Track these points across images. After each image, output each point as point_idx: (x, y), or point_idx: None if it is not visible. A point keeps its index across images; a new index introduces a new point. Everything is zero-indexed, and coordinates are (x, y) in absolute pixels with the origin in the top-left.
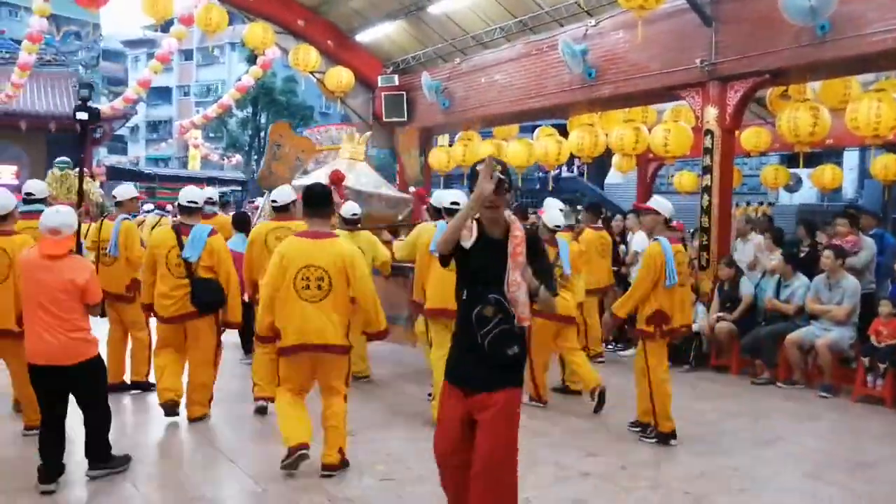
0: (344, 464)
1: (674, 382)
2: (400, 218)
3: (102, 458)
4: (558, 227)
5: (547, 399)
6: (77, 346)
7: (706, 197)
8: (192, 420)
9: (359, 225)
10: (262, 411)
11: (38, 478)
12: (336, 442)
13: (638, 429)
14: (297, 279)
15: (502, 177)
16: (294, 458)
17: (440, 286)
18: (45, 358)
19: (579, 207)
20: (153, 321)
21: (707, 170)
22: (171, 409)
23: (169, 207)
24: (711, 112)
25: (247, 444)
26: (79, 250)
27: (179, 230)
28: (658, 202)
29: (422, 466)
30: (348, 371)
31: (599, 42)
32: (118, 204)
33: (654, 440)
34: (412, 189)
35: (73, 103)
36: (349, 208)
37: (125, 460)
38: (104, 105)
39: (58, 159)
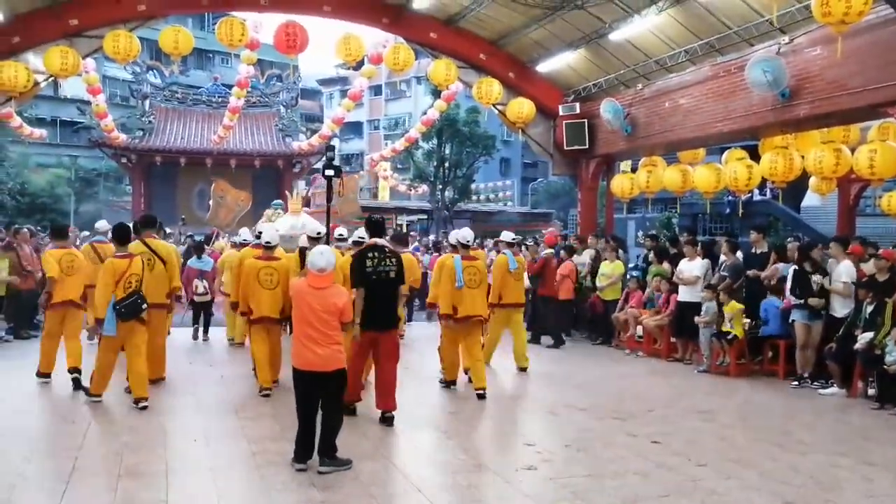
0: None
1: (852, 414)
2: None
3: (331, 455)
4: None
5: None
6: (335, 356)
7: None
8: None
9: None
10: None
11: (293, 458)
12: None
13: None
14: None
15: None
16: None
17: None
18: (312, 365)
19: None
20: None
21: None
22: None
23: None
24: None
25: (430, 473)
26: None
27: (304, 254)
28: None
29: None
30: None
31: (793, 60)
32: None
33: (443, 385)
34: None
35: (276, 141)
36: (313, 227)
37: (348, 462)
38: (303, 142)
39: (274, 202)
